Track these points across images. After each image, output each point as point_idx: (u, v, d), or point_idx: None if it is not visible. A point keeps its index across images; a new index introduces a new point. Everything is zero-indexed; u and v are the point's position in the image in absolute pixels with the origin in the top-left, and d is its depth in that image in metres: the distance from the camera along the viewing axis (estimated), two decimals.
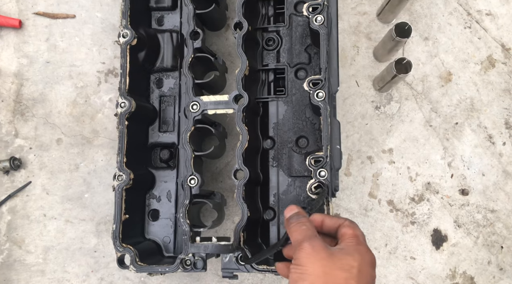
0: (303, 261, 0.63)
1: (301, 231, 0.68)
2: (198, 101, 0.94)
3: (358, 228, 0.70)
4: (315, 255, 0.63)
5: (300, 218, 0.71)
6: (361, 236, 0.69)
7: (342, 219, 0.72)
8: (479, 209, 1.10)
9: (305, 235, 0.67)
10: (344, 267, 0.62)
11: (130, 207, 0.96)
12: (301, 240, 0.66)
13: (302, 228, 0.68)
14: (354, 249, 0.65)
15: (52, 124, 1.17)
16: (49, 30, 1.20)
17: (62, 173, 1.15)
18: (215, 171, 1.14)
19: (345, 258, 0.63)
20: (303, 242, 0.65)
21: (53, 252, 1.12)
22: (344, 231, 0.69)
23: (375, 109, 1.15)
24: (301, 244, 0.65)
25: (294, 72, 1.02)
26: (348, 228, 0.69)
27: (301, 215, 0.72)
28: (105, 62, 1.19)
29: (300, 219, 0.70)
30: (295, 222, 0.70)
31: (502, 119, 1.13)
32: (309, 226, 0.69)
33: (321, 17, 0.88)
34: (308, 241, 0.65)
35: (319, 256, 0.63)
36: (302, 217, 0.71)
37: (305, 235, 0.67)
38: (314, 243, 0.64)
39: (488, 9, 1.17)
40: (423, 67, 1.15)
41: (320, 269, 0.62)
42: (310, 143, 0.99)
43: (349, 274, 0.62)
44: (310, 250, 0.64)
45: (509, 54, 1.15)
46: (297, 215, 0.72)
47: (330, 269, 0.62)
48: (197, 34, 0.97)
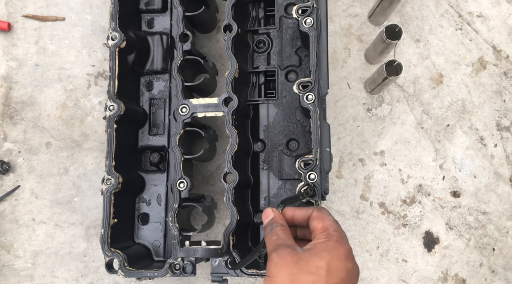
0: (272, 271, 0.64)
1: (271, 242, 0.68)
2: (187, 104, 0.93)
3: (327, 217, 0.69)
4: (282, 263, 0.63)
5: (273, 227, 0.71)
6: (332, 226, 0.68)
7: (310, 210, 0.72)
8: (471, 211, 1.10)
9: (274, 244, 0.67)
10: (311, 270, 0.62)
11: (120, 211, 0.95)
12: (270, 250, 0.67)
13: (273, 238, 0.69)
14: (322, 248, 0.65)
15: (41, 127, 1.16)
16: (38, 33, 1.19)
17: (51, 177, 1.14)
18: (206, 174, 1.13)
19: (312, 259, 0.63)
20: (271, 253, 0.66)
21: (42, 257, 1.11)
22: (313, 225, 0.69)
23: (367, 111, 1.14)
24: (270, 255, 0.66)
25: (285, 74, 1.01)
26: (317, 221, 0.69)
27: (274, 223, 0.72)
28: (95, 65, 1.18)
29: (273, 229, 0.71)
30: (268, 232, 0.71)
31: (493, 121, 1.13)
32: (280, 234, 0.69)
33: (311, 20, 0.88)
34: (275, 251, 0.65)
35: (285, 264, 0.63)
36: (275, 226, 0.71)
37: (274, 244, 0.67)
38: (280, 252, 0.65)
39: (479, 11, 1.17)
40: (414, 69, 1.15)
41: (287, 278, 0.62)
42: (300, 146, 0.98)
43: (316, 277, 0.61)
44: (277, 259, 0.64)
45: (500, 56, 1.15)
46: (271, 224, 0.72)
47: (297, 276, 0.61)
48: (186, 37, 0.96)
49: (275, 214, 0.74)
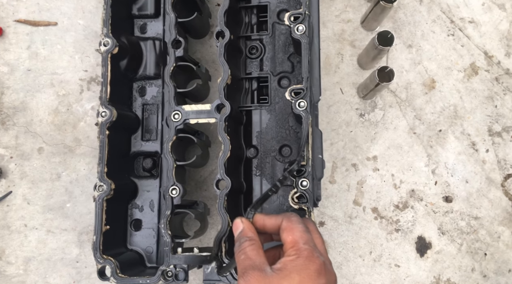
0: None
1: (239, 263, 0.65)
2: (180, 110, 0.93)
3: (296, 228, 0.66)
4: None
5: (241, 243, 0.68)
6: (301, 238, 0.65)
7: (279, 218, 0.68)
8: (463, 216, 1.11)
9: (242, 267, 0.64)
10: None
11: (112, 217, 0.95)
12: (238, 274, 0.64)
13: (241, 258, 0.66)
14: (292, 267, 0.61)
15: (33, 132, 1.15)
16: (30, 38, 1.18)
17: (44, 183, 1.13)
18: (199, 180, 1.13)
19: (281, 282, 0.60)
20: (239, 278, 0.63)
21: (34, 263, 1.11)
22: (284, 238, 0.66)
23: (360, 116, 1.15)
24: (238, 281, 0.63)
25: (277, 80, 1.02)
26: (286, 233, 0.66)
27: (242, 238, 0.69)
28: (88, 70, 1.17)
29: (240, 245, 0.67)
30: (237, 250, 0.68)
31: (485, 126, 1.14)
32: (248, 252, 0.66)
33: (303, 27, 0.88)
34: (242, 277, 0.62)
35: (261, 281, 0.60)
36: (243, 241, 0.68)
37: (242, 267, 0.64)
38: (247, 278, 0.61)
39: (471, 17, 1.17)
40: (406, 75, 1.16)
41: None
42: (293, 152, 0.98)
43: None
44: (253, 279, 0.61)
45: (492, 62, 1.16)
46: (239, 239, 0.69)
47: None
48: (179, 43, 0.96)
49: (244, 226, 0.70)
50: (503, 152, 1.13)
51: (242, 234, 0.69)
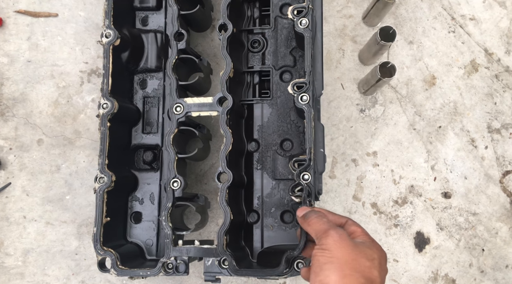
0: (331, 246, 0.67)
1: (323, 222, 0.72)
2: (181, 103, 0.93)
3: (362, 227, 0.75)
4: (342, 242, 0.67)
5: (319, 213, 0.76)
6: (368, 234, 0.74)
7: (345, 218, 0.76)
8: (461, 212, 1.12)
9: (329, 224, 0.71)
10: (368, 257, 0.66)
11: (112, 210, 0.94)
12: (326, 228, 0.70)
13: (324, 220, 0.73)
14: (372, 244, 0.70)
15: (33, 124, 1.15)
16: (30, 29, 1.17)
17: (43, 174, 1.13)
18: (199, 173, 1.13)
19: (367, 250, 0.68)
20: (330, 230, 0.69)
21: (33, 255, 1.10)
22: (353, 229, 0.73)
23: (360, 112, 1.15)
24: (327, 232, 0.69)
25: (279, 74, 1.02)
26: (356, 226, 0.74)
27: (317, 211, 0.77)
28: (88, 62, 1.17)
29: (319, 214, 0.75)
30: (314, 215, 0.74)
31: (484, 123, 1.14)
32: (331, 219, 0.75)
33: (306, 21, 0.88)
34: (334, 230, 0.69)
35: (346, 244, 0.67)
36: (321, 213, 0.76)
37: (329, 224, 0.71)
38: (340, 232, 0.68)
39: (472, 14, 1.18)
40: (407, 71, 1.16)
41: (348, 255, 0.65)
42: (294, 146, 0.99)
43: (372, 264, 0.66)
44: (338, 237, 0.67)
45: (492, 59, 1.16)
46: (315, 211, 0.76)
47: (357, 256, 0.66)
48: (181, 35, 0.96)
49: (315, 207, 0.79)
50: (502, 149, 1.13)
51: (315, 209, 0.78)
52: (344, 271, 0.64)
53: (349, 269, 0.64)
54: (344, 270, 0.64)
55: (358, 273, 0.64)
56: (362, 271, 0.65)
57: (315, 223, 0.73)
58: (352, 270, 0.64)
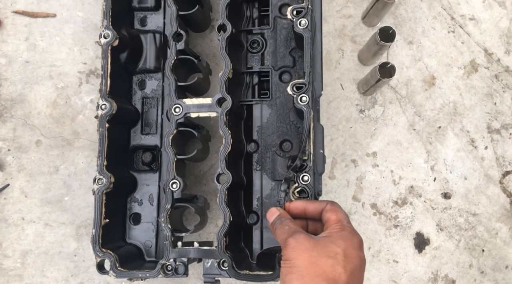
0: (289, 255, 0.66)
1: (284, 231, 0.70)
2: (180, 104, 0.93)
3: (340, 211, 0.72)
4: (300, 246, 0.66)
5: (283, 221, 0.74)
6: (345, 218, 0.71)
7: (323, 203, 0.74)
8: (461, 212, 1.11)
9: (288, 232, 0.69)
10: (329, 254, 0.64)
11: (111, 211, 0.94)
12: (285, 237, 0.69)
13: (285, 228, 0.71)
14: (338, 236, 0.67)
15: (31, 125, 1.14)
16: (28, 29, 1.17)
17: (42, 176, 1.12)
18: (198, 174, 1.13)
19: (329, 245, 0.66)
20: (288, 239, 0.68)
21: (31, 256, 1.10)
22: (327, 217, 0.71)
23: (360, 112, 1.15)
24: (286, 241, 0.68)
25: (279, 75, 1.01)
26: (330, 213, 0.72)
27: (283, 218, 0.75)
28: (87, 63, 1.16)
29: (283, 222, 0.73)
30: (278, 225, 0.73)
31: (484, 123, 1.14)
32: (291, 225, 0.72)
33: (305, 21, 0.88)
34: (291, 236, 0.67)
35: (303, 247, 0.65)
36: (284, 220, 0.74)
37: (288, 232, 0.69)
38: (297, 237, 0.67)
39: (471, 14, 1.18)
40: (407, 71, 1.16)
41: (306, 260, 0.64)
42: (294, 147, 0.98)
43: (335, 261, 0.64)
44: (294, 243, 0.66)
45: (491, 59, 1.16)
46: (280, 219, 0.75)
47: (316, 258, 0.64)
48: (180, 36, 0.95)
49: (281, 212, 0.77)
50: (501, 149, 1.13)
51: (280, 216, 0.76)
52: (304, 278, 0.63)
53: (309, 274, 0.63)
54: (304, 277, 0.63)
55: (318, 276, 0.63)
56: (323, 273, 0.63)
57: (279, 234, 0.72)
58: (312, 275, 0.63)
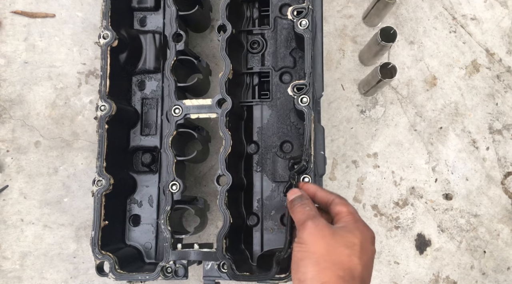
0: (307, 239, 0.65)
1: (304, 212, 0.69)
2: (180, 105, 0.92)
3: (349, 204, 0.72)
4: (318, 232, 0.65)
5: (303, 200, 0.73)
6: (356, 213, 0.71)
7: (332, 195, 0.74)
8: (463, 213, 1.11)
9: (308, 214, 0.68)
10: (347, 244, 0.64)
11: (110, 213, 0.93)
12: (304, 219, 0.67)
13: (306, 209, 0.70)
14: (354, 227, 0.67)
15: (31, 126, 1.13)
16: (27, 30, 1.16)
17: (41, 177, 1.12)
18: (198, 175, 1.12)
19: (347, 235, 0.65)
20: (307, 221, 0.67)
21: (30, 258, 1.09)
22: (338, 209, 0.70)
23: (360, 113, 1.14)
24: (304, 223, 0.67)
25: (279, 75, 1.00)
26: (341, 205, 0.71)
27: (304, 197, 0.73)
28: (86, 63, 1.16)
29: (303, 201, 0.72)
30: (299, 203, 0.72)
31: (486, 124, 1.13)
32: (312, 207, 0.71)
33: (306, 21, 0.87)
34: (311, 220, 0.66)
35: (322, 234, 0.64)
36: (305, 199, 0.73)
37: (308, 214, 0.68)
38: (317, 222, 0.66)
39: (473, 14, 1.17)
40: (408, 71, 1.15)
41: (324, 247, 0.63)
42: (294, 148, 0.97)
43: (352, 251, 0.64)
44: (314, 228, 0.65)
45: (493, 59, 1.15)
46: (300, 197, 0.73)
47: (333, 247, 0.63)
48: (180, 36, 0.95)
49: (303, 193, 0.75)
50: (503, 150, 1.13)
51: (302, 195, 0.74)
52: (321, 265, 0.62)
53: (325, 262, 0.62)
54: (321, 264, 0.62)
55: (335, 265, 0.62)
56: (340, 262, 0.62)
57: (297, 212, 0.70)
58: (329, 263, 0.62)
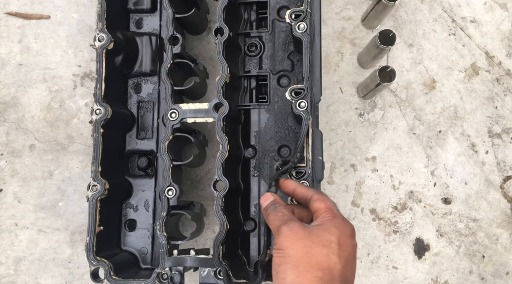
0: (283, 244, 0.64)
1: (277, 218, 0.69)
2: (177, 109, 0.91)
3: (328, 199, 0.71)
4: (294, 236, 0.64)
5: (276, 207, 0.72)
6: (334, 207, 0.70)
7: (311, 191, 0.73)
8: (461, 218, 1.10)
9: (282, 220, 0.68)
10: (324, 243, 0.63)
11: (106, 218, 0.92)
12: (278, 225, 0.67)
13: (279, 214, 0.69)
14: (331, 224, 0.66)
15: (25, 129, 1.12)
16: (22, 31, 1.15)
17: (35, 181, 1.10)
18: (195, 179, 1.11)
19: (323, 234, 0.64)
20: (281, 227, 0.66)
21: (24, 263, 1.08)
22: (316, 206, 0.70)
23: (359, 116, 1.13)
24: (279, 229, 0.66)
25: (277, 79, 0.99)
26: (319, 202, 0.70)
27: (277, 203, 0.73)
28: (81, 65, 1.14)
29: (277, 208, 0.72)
30: (271, 211, 0.71)
31: (485, 128, 1.13)
32: (285, 212, 0.70)
33: (304, 25, 0.86)
34: (285, 225, 0.66)
35: (297, 237, 0.64)
36: (278, 205, 0.72)
37: (282, 220, 0.68)
38: (291, 226, 0.65)
39: (472, 16, 1.16)
40: (407, 74, 1.14)
41: (301, 249, 0.63)
42: (292, 153, 0.96)
43: (329, 249, 0.63)
44: (289, 232, 0.64)
45: (492, 62, 1.14)
46: (273, 204, 0.73)
47: (310, 248, 0.63)
48: (176, 39, 0.93)
49: (275, 197, 0.75)
50: (502, 153, 1.12)
51: (274, 201, 0.74)
52: (299, 268, 0.61)
53: (303, 264, 0.61)
54: (299, 267, 0.61)
55: (313, 266, 0.61)
56: (318, 263, 0.61)
57: (272, 220, 0.70)
58: (307, 266, 0.61)
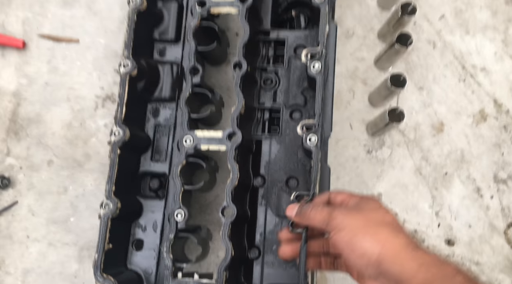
0: (344, 222, 0.65)
1: (321, 209, 0.71)
2: (192, 135, 0.95)
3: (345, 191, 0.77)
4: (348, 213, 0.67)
5: (310, 205, 0.75)
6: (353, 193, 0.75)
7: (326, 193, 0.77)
8: (464, 260, 1.10)
9: (327, 209, 0.69)
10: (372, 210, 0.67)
11: (115, 236, 0.95)
12: (329, 211, 0.68)
13: (319, 207, 0.72)
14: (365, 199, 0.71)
15: (45, 145, 1.17)
16: (51, 53, 1.21)
17: (50, 195, 1.14)
18: (203, 203, 1.14)
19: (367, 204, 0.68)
20: (333, 211, 0.68)
21: (32, 275, 1.10)
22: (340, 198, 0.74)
23: (367, 153, 1.16)
24: (332, 214, 0.67)
25: (289, 112, 1.03)
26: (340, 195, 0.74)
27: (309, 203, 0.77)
28: (104, 87, 1.20)
29: (312, 205, 0.74)
30: (310, 207, 0.74)
31: (491, 173, 1.15)
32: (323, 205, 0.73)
33: (319, 65, 0.90)
34: (334, 210, 0.68)
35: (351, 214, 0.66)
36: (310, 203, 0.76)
37: (327, 209, 0.69)
38: (339, 209, 0.68)
39: (482, 65, 1.20)
40: (416, 116, 1.17)
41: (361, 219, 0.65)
42: (300, 184, 0.99)
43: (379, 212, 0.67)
44: (344, 212, 0.67)
45: (500, 110, 1.17)
46: (306, 204, 0.76)
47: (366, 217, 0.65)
48: (196, 70, 0.98)
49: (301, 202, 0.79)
50: (507, 199, 1.13)
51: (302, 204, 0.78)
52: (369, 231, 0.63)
53: (373, 227, 0.63)
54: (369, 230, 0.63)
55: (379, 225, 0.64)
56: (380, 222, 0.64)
57: (315, 214, 0.71)
58: (374, 226, 0.63)
